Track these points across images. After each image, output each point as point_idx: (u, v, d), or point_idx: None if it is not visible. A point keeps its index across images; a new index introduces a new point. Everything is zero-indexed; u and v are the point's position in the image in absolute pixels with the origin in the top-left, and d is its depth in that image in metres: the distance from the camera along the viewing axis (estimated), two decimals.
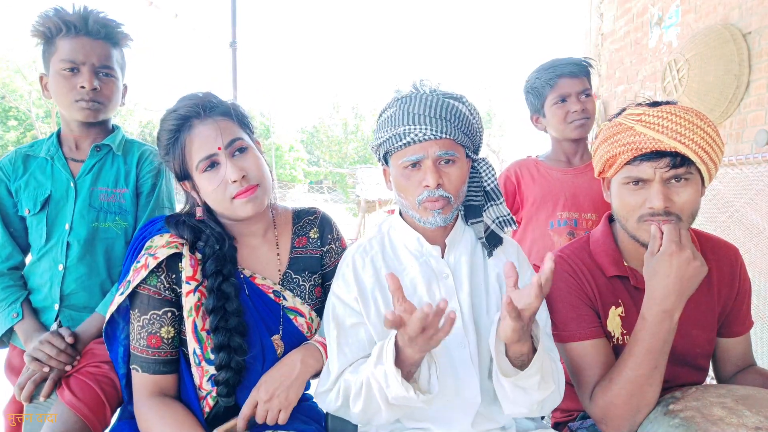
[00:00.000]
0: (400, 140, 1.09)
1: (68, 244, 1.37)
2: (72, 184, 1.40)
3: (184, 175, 1.16)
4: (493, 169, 1.21)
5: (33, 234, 1.40)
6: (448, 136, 1.08)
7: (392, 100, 1.15)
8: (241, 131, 1.18)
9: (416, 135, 1.08)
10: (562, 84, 1.73)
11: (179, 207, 1.31)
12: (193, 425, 1.07)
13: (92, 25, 1.34)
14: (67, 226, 1.37)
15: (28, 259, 1.47)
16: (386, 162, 1.20)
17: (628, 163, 1.10)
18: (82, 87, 1.34)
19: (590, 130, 1.78)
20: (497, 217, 1.21)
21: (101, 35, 1.36)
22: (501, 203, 1.21)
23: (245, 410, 1.12)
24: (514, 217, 1.22)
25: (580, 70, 1.73)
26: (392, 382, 0.95)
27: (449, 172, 1.09)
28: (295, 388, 1.14)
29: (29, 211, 1.39)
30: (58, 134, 1.46)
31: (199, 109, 1.13)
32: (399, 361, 0.96)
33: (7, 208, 1.42)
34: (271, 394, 1.11)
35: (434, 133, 1.07)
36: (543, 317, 1.19)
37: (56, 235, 1.38)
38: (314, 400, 1.16)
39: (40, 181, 1.40)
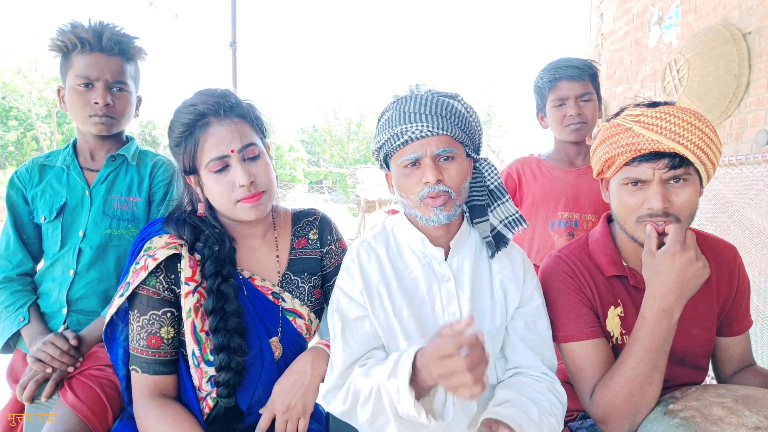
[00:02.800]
0: (398, 139, 1.10)
1: (80, 250, 1.39)
2: (87, 193, 1.42)
3: (191, 170, 1.16)
4: (495, 168, 1.20)
5: (48, 241, 1.42)
6: (445, 133, 1.08)
7: (389, 104, 1.16)
8: (255, 136, 1.18)
9: (413, 133, 1.08)
10: (561, 86, 1.73)
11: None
12: (193, 426, 1.07)
13: (106, 42, 1.37)
14: (80, 233, 1.39)
15: (41, 266, 1.48)
16: (387, 166, 1.19)
17: (626, 164, 1.10)
18: (96, 102, 1.37)
19: (588, 133, 1.77)
20: (506, 217, 1.20)
21: (115, 51, 1.39)
22: (507, 201, 1.20)
23: (262, 423, 1.12)
24: (522, 216, 1.21)
25: (580, 73, 1.72)
26: (404, 400, 0.93)
27: (449, 168, 1.09)
28: (310, 394, 1.14)
29: (45, 219, 1.41)
30: (74, 145, 1.49)
31: (218, 108, 1.13)
32: (415, 382, 0.94)
33: (22, 216, 1.44)
34: (287, 405, 1.11)
35: (431, 129, 1.07)
36: (541, 313, 1.19)
37: (70, 242, 1.40)
38: (320, 400, 1.16)
39: (56, 189, 1.43)
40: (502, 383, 1.14)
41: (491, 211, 1.20)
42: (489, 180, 1.20)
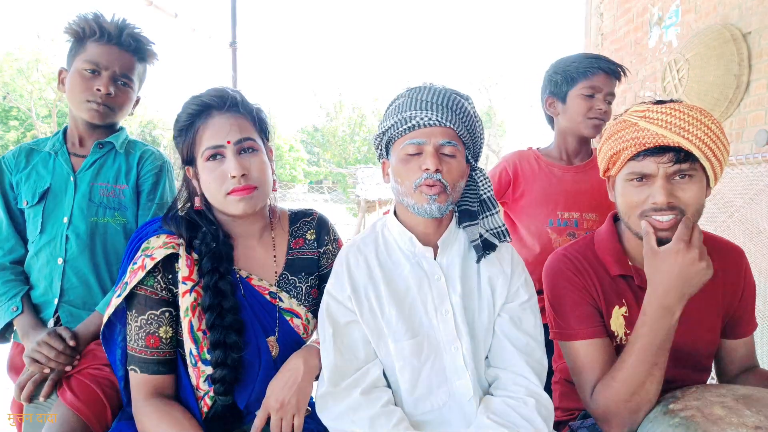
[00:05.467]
0: (405, 124, 1.11)
1: (67, 237, 1.38)
2: (72, 178, 1.42)
3: (189, 160, 1.18)
4: (489, 180, 1.22)
5: (29, 226, 1.42)
6: (451, 126, 1.10)
7: (402, 92, 1.17)
8: (255, 133, 1.19)
9: (422, 119, 1.09)
10: (599, 78, 1.69)
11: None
12: (192, 426, 1.07)
13: (125, 37, 1.40)
14: (65, 220, 1.38)
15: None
16: (387, 153, 1.20)
17: (631, 158, 1.10)
18: (98, 90, 1.38)
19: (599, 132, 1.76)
20: (492, 228, 1.21)
21: (131, 48, 1.42)
22: (496, 213, 1.22)
23: (257, 422, 1.12)
24: (508, 230, 1.22)
25: (617, 72, 1.72)
26: None
27: (449, 162, 1.11)
28: (304, 391, 1.13)
29: (27, 203, 1.40)
30: (65, 131, 1.49)
31: (223, 102, 1.15)
32: None
33: (11, 202, 1.44)
34: (281, 402, 1.11)
35: (439, 119, 1.09)
36: (528, 310, 1.18)
37: (54, 229, 1.39)
38: (315, 401, 1.16)
39: (41, 174, 1.42)
40: (484, 402, 1.11)
41: (480, 219, 1.21)
42: (482, 190, 1.21)
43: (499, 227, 1.21)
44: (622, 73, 1.73)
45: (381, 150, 1.22)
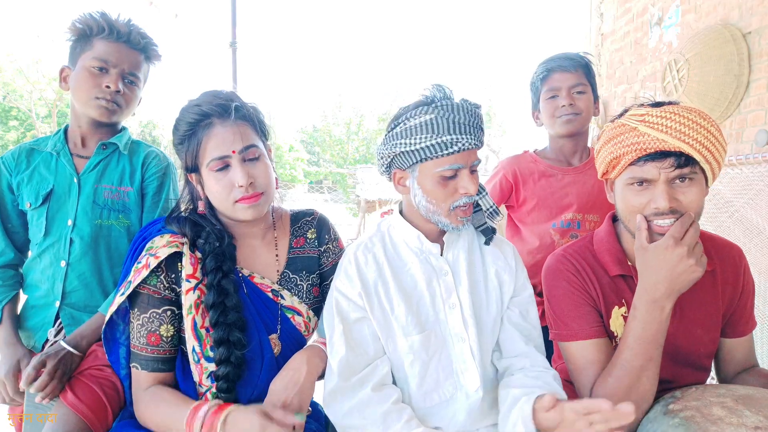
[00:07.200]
0: (446, 149, 1.09)
1: (71, 240, 1.37)
2: (75, 180, 1.40)
3: (192, 168, 1.18)
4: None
5: (33, 228, 1.40)
6: (481, 146, 1.14)
7: (424, 106, 1.11)
8: (257, 138, 1.20)
9: (462, 144, 1.10)
10: (554, 78, 1.72)
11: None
12: (184, 400, 1.09)
13: (134, 36, 1.40)
14: (69, 222, 1.37)
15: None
16: (401, 165, 1.16)
17: (632, 163, 1.10)
18: (107, 87, 1.37)
19: (581, 127, 1.75)
20: (487, 209, 1.26)
21: (139, 46, 1.42)
22: (487, 193, 1.27)
23: None
24: (498, 208, 1.27)
25: (572, 64, 1.71)
26: None
27: (475, 179, 1.15)
28: (307, 391, 1.14)
29: (30, 205, 1.38)
30: (66, 130, 1.47)
31: (222, 109, 1.15)
32: None
33: (6, 204, 1.41)
34: (283, 402, 1.11)
35: (476, 143, 1.12)
36: (532, 302, 1.24)
37: (58, 231, 1.37)
38: (321, 402, 1.16)
39: (43, 175, 1.40)
40: (503, 383, 1.14)
41: (479, 198, 1.26)
42: None
43: (491, 206, 1.27)
44: (580, 61, 1.73)
45: (392, 163, 1.18)
